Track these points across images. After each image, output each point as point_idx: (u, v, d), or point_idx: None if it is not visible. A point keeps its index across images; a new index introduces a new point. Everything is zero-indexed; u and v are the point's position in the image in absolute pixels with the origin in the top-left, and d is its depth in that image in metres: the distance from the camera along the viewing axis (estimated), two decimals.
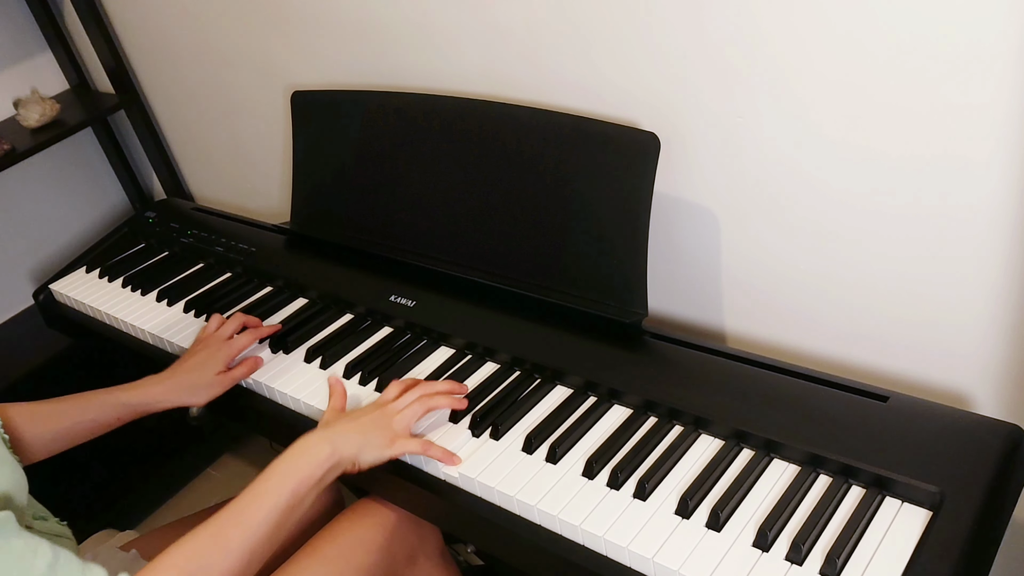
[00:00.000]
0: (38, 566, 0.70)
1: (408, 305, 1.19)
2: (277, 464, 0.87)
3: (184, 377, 1.12)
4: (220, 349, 1.15)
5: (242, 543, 0.80)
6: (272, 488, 0.85)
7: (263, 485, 0.85)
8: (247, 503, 0.84)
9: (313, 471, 0.88)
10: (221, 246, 1.46)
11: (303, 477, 0.87)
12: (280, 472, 0.86)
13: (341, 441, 0.91)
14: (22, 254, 1.88)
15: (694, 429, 0.94)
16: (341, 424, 0.94)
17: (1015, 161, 0.85)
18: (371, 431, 0.94)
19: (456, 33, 1.22)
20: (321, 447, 0.89)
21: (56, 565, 0.71)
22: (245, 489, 0.85)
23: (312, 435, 0.91)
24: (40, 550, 0.72)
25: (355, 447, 0.92)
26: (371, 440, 0.94)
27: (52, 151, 1.82)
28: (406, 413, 0.97)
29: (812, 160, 0.99)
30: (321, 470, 0.88)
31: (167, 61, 1.70)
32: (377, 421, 0.96)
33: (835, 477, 0.85)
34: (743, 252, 1.11)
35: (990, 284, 0.93)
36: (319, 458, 0.89)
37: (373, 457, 0.94)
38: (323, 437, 0.91)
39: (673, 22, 1.00)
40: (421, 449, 0.96)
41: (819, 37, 0.91)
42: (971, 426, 0.86)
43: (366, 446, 0.93)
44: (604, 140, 1.05)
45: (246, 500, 0.84)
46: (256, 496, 0.84)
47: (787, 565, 0.78)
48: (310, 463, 0.88)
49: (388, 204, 1.28)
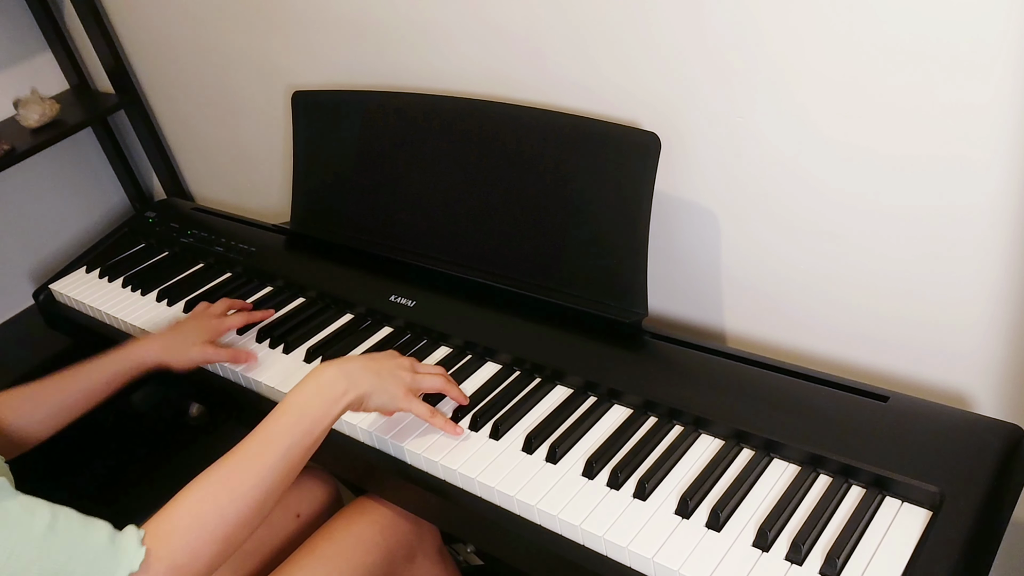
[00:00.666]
0: (36, 527, 0.68)
1: (408, 305, 1.19)
2: (292, 399, 0.83)
3: (169, 337, 1.14)
4: (210, 322, 1.18)
5: (255, 486, 0.77)
6: (285, 428, 0.81)
7: (277, 424, 0.81)
8: (260, 444, 0.80)
9: (329, 409, 0.84)
10: (221, 246, 1.46)
11: (318, 416, 0.83)
12: (294, 410, 0.82)
13: (358, 377, 0.87)
14: (22, 254, 1.88)
15: (694, 429, 0.94)
16: (359, 360, 0.90)
17: (1015, 161, 0.85)
18: (388, 378, 0.91)
19: (456, 33, 1.22)
20: (338, 382, 0.85)
21: (55, 524, 0.69)
22: (258, 426, 0.80)
23: (329, 368, 0.87)
24: (38, 511, 0.69)
25: (369, 387, 0.88)
26: (386, 386, 0.90)
27: (52, 151, 1.82)
28: (427, 379, 0.96)
29: (812, 160, 0.99)
30: (337, 408, 0.85)
31: (167, 61, 1.70)
32: (395, 372, 0.93)
33: (835, 477, 0.85)
34: (743, 252, 1.11)
35: (990, 284, 0.93)
36: (335, 394, 0.84)
37: (381, 403, 0.91)
38: (341, 371, 0.87)
39: (673, 22, 1.00)
40: (428, 414, 0.94)
41: (819, 37, 0.91)
42: (971, 426, 0.86)
43: (379, 390, 0.89)
44: (604, 140, 1.05)
45: (258, 440, 0.80)
46: (268, 436, 0.80)
47: (787, 565, 0.78)
48: (325, 400, 0.84)
49: (388, 204, 1.28)
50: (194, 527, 0.74)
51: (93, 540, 0.70)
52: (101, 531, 0.71)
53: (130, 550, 0.70)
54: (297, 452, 0.81)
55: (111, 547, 0.70)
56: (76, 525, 0.71)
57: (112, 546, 0.70)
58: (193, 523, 0.74)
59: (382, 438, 1.01)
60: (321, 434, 0.84)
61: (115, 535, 0.71)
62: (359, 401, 0.89)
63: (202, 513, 0.75)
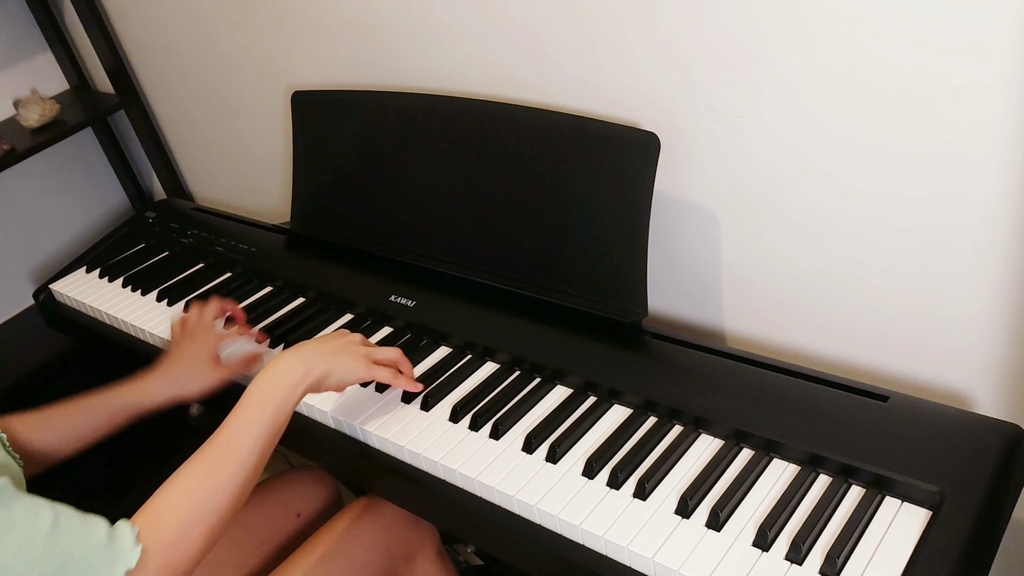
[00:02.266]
0: (41, 528, 0.70)
1: (408, 305, 1.19)
2: (252, 393, 0.87)
3: (174, 369, 1.10)
4: (207, 337, 1.14)
5: (232, 478, 0.81)
6: (253, 419, 0.85)
7: (244, 416, 0.85)
8: (231, 436, 0.84)
9: (290, 394, 0.88)
10: (221, 246, 1.46)
11: (281, 402, 0.87)
12: (258, 399, 0.86)
13: (313, 360, 0.91)
14: (22, 254, 1.88)
15: (694, 429, 0.94)
16: (313, 343, 0.94)
17: (1016, 155, 0.85)
18: (343, 354, 0.94)
19: (457, 32, 1.22)
20: (296, 367, 0.89)
21: (58, 523, 0.71)
22: (226, 420, 0.84)
23: (286, 355, 0.91)
24: (41, 512, 0.71)
25: (326, 366, 0.92)
26: (343, 362, 0.94)
27: (52, 151, 1.82)
28: (384, 349, 0.99)
29: (813, 158, 0.99)
30: (298, 392, 0.88)
31: (167, 61, 1.70)
32: (348, 347, 0.96)
33: (835, 477, 0.85)
34: (743, 252, 1.11)
35: (990, 284, 0.93)
36: (294, 379, 0.88)
37: (341, 378, 0.94)
38: (297, 357, 0.90)
39: (675, 21, 1.00)
40: (391, 376, 0.97)
41: (819, 37, 0.91)
42: (971, 426, 0.86)
43: (337, 367, 0.93)
44: (604, 140, 1.05)
45: (229, 433, 0.84)
46: (239, 428, 0.84)
47: (787, 565, 0.78)
48: (286, 386, 0.88)
49: (388, 204, 1.28)
50: (181, 524, 0.77)
51: (93, 539, 0.72)
52: (99, 529, 0.73)
53: (127, 548, 0.73)
54: (265, 440, 0.84)
55: (109, 546, 0.73)
56: (77, 524, 0.73)
57: (110, 545, 0.73)
58: (180, 520, 0.77)
59: (382, 438, 1.01)
60: (285, 419, 0.87)
61: (112, 533, 0.74)
62: (318, 382, 0.91)
63: (187, 509, 0.78)
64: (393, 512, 1.09)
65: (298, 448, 1.19)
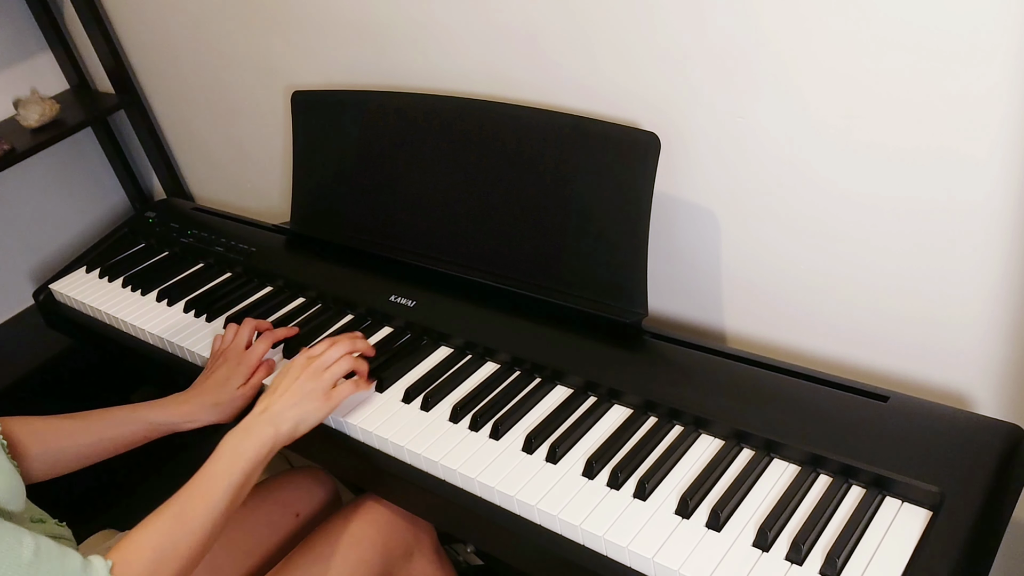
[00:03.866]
0: (24, 555, 0.73)
1: (408, 305, 1.19)
2: (225, 446, 0.93)
3: (208, 396, 1.11)
4: (240, 363, 1.13)
5: (204, 521, 0.87)
6: (224, 470, 0.91)
7: (216, 467, 0.91)
8: (205, 485, 0.89)
9: (259, 451, 0.94)
10: (221, 246, 1.46)
11: (251, 457, 0.93)
12: (229, 455, 0.92)
13: (279, 419, 0.97)
14: (22, 254, 1.88)
15: (694, 429, 0.94)
16: (277, 404, 0.99)
17: (1015, 158, 0.85)
18: (305, 400, 0.99)
19: (457, 32, 1.22)
20: (263, 429, 0.96)
21: (39, 552, 0.75)
22: (199, 471, 0.91)
23: (254, 417, 0.97)
24: (24, 539, 0.74)
25: (293, 422, 0.98)
26: (308, 407, 0.99)
27: (52, 151, 1.83)
28: (334, 370, 1.02)
29: (813, 159, 0.99)
30: (266, 449, 0.95)
31: (167, 61, 1.70)
32: (306, 387, 1.00)
33: (835, 477, 0.85)
34: (743, 252, 1.11)
35: (990, 282, 0.93)
36: (262, 439, 0.95)
37: (311, 423, 0.99)
38: (264, 419, 0.97)
39: (674, 21, 1.00)
40: (353, 389, 1.03)
41: (819, 36, 0.91)
42: (971, 426, 0.86)
43: (305, 417, 0.99)
44: (604, 140, 1.05)
45: (202, 481, 0.90)
46: (210, 477, 0.90)
47: (787, 565, 0.78)
48: (255, 445, 0.94)
49: (388, 204, 1.28)
50: (154, 561, 0.82)
51: (69, 570, 0.76)
52: (75, 561, 0.77)
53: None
54: (235, 490, 0.91)
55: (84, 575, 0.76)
56: (56, 554, 0.76)
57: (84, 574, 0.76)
58: (153, 557, 0.83)
59: (382, 438, 1.01)
60: (254, 473, 0.94)
61: (86, 565, 0.77)
62: (288, 436, 0.97)
63: (160, 548, 0.83)
64: (390, 511, 1.09)
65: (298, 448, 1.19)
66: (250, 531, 1.16)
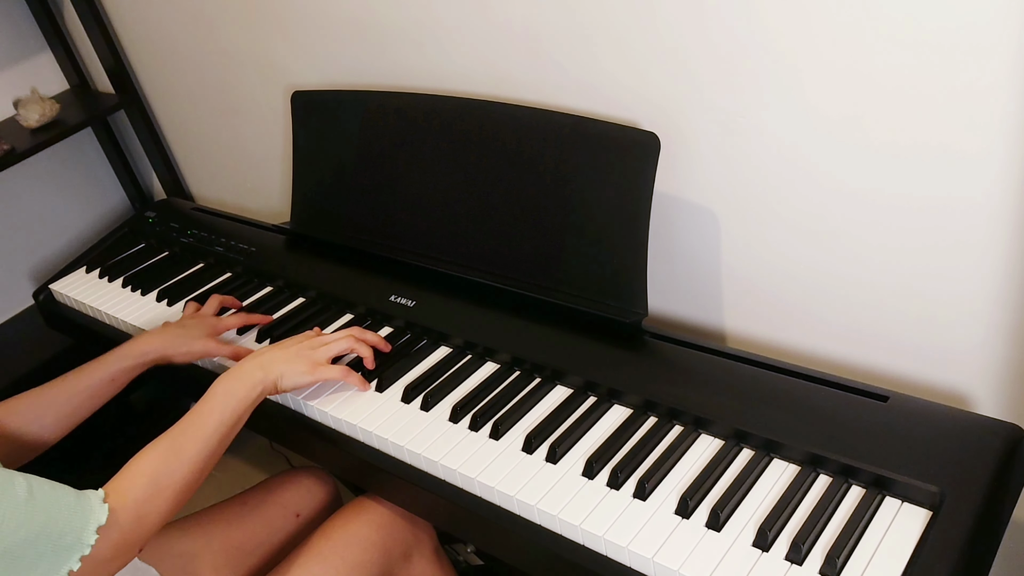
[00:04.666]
0: (19, 494, 0.76)
1: (408, 305, 1.19)
2: (217, 387, 0.99)
3: (170, 331, 1.18)
4: (207, 320, 1.22)
5: (195, 453, 0.92)
6: (216, 407, 0.96)
7: (208, 405, 0.97)
8: (198, 419, 0.95)
9: (248, 392, 0.99)
10: (221, 246, 1.46)
11: (241, 397, 0.98)
12: (222, 394, 0.98)
13: (269, 366, 1.03)
14: (22, 254, 1.88)
15: (694, 429, 0.94)
16: (270, 351, 1.05)
17: (1016, 156, 0.85)
18: (295, 360, 1.04)
19: (456, 32, 1.22)
20: (254, 372, 1.01)
21: (32, 490, 0.77)
22: (192, 409, 0.97)
23: (246, 362, 1.03)
24: (16, 480, 0.77)
25: (280, 371, 1.03)
26: (295, 367, 1.04)
27: (52, 151, 1.82)
28: (331, 346, 1.07)
29: (813, 157, 0.99)
30: (255, 392, 1.00)
31: (167, 61, 1.70)
32: (301, 351, 1.05)
33: (835, 477, 0.85)
34: (743, 251, 1.11)
35: (990, 284, 0.93)
36: (252, 381, 1.00)
37: (293, 382, 1.04)
38: (255, 364, 1.02)
39: (675, 21, 1.00)
40: (341, 375, 1.06)
41: (819, 37, 0.91)
42: (971, 426, 0.86)
43: (289, 372, 1.03)
44: (604, 140, 1.05)
45: (196, 416, 0.95)
46: (203, 414, 0.96)
47: (787, 565, 0.78)
48: (244, 386, 0.99)
49: (388, 204, 1.28)
50: (150, 485, 0.87)
51: (64, 502, 0.79)
52: (68, 494, 0.80)
53: (95, 508, 0.81)
54: (225, 428, 0.96)
55: (78, 507, 0.80)
56: (48, 490, 0.79)
57: (79, 506, 0.80)
58: (149, 482, 0.87)
59: (382, 438, 1.01)
60: (244, 413, 0.99)
61: (79, 496, 0.81)
62: (274, 384, 1.03)
63: (156, 474, 0.88)
64: (390, 511, 1.10)
65: (298, 448, 1.19)
66: (250, 531, 1.17)
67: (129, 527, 0.83)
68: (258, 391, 1.00)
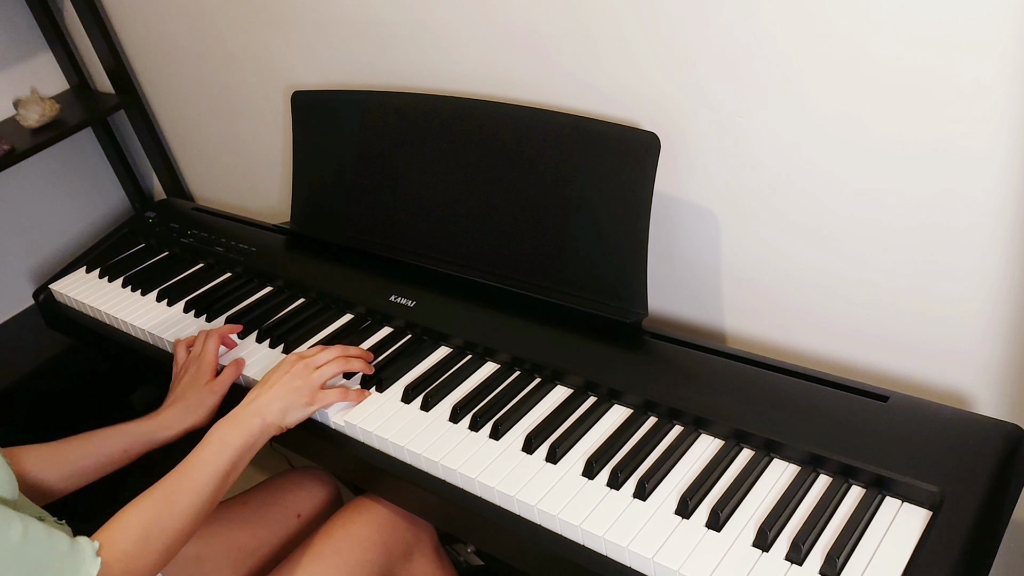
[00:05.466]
0: (13, 536, 0.75)
1: (408, 305, 1.19)
2: (213, 435, 0.97)
3: (179, 402, 1.14)
4: (198, 365, 1.17)
5: (190, 504, 0.91)
6: (212, 457, 0.95)
7: (204, 454, 0.95)
8: (192, 470, 0.93)
9: (246, 441, 0.98)
10: (221, 246, 1.46)
11: (238, 446, 0.97)
12: (218, 443, 0.96)
13: (266, 410, 1.01)
14: (22, 254, 1.88)
15: (694, 429, 0.94)
16: (264, 393, 1.03)
17: (1016, 154, 0.85)
18: (292, 395, 1.03)
19: (456, 32, 1.22)
20: (251, 419, 0.99)
21: (27, 533, 0.76)
22: (187, 457, 0.95)
23: (242, 408, 1.01)
24: (13, 522, 0.76)
25: (279, 414, 1.01)
26: (293, 403, 1.03)
27: (52, 151, 1.82)
28: (323, 371, 1.06)
29: (813, 158, 0.99)
30: (253, 439, 0.99)
31: (167, 61, 1.70)
32: (294, 383, 1.04)
33: (835, 477, 0.85)
34: (743, 251, 1.11)
35: (990, 283, 0.93)
36: (251, 430, 0.99)
37: (296, 418, 1.03)
38: (251, 410, 1.00)
39: (675, 20, 1.00)
40: (340, 397, 1.06)
41: (819, 35, 0.91)
42: (971, 426, 0.86)
43: (289, 410, 1.02)
44: (604, 140, 1.05)
45: (190, 467, 0.93)
46: (198, 464, 0.94)
47: (787, 565, 0.78)
48: (243, 435, 0.98)
49: (388, 204, 1.28)
50: (142, 539, 0.85)
51: (57, 551, 0.78)
52: (63, 542, 0.79)
53: (87, 560, 0.80)
54: (218, 478, 0.94)
55: (71, 556, 0.79)
56: (43, 536, 0.78)
57: (72, 555, 0.79)
58: (141, 536, 0.86)
59: (383, 438, 1.01)
60: (241, 462, 0.98)
61: (73, 545, 0.80)
62: (276, 426, 1.02)
63: (148, 527, 0.87)
64: (390, 511, 1.10)
65: (299, 448, 1.19)
66: (251, 531, 1.17)
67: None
68: (255, 437, 0.99)
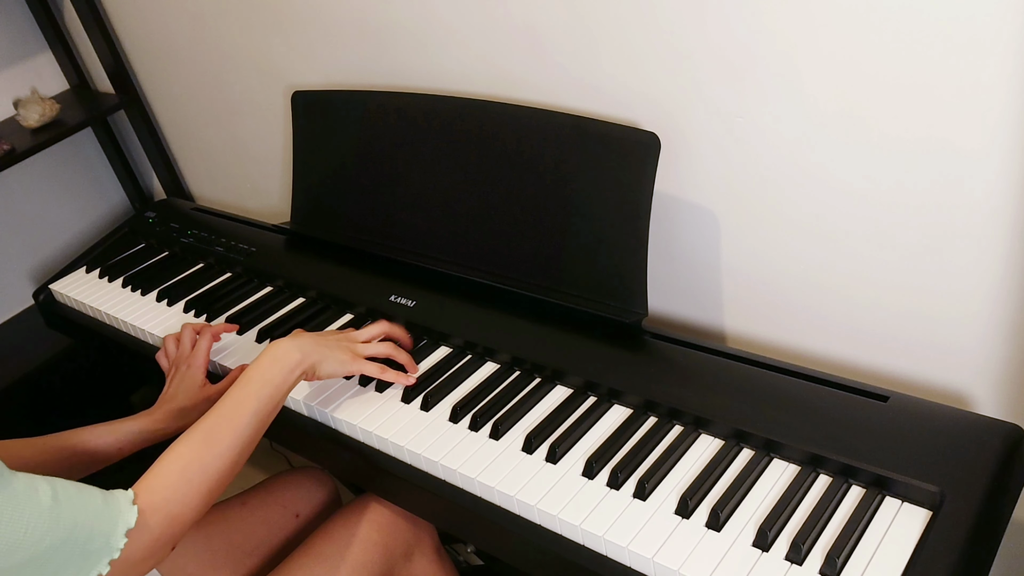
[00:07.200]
0: (43, 501, 0.73)
1: (408, 305, 1.19)
2: (252, 372, 0.94)
3: (173, 403, 1.11)
4: (189, 366, 1.13)
5: (231, 444, 0.88)
6: (252, 394, 0.92)
7: (243, 391, 0.92)
8: (232, 409, 0.90)
9: (286, 377, 0.95)
10: (221, 246, 1.46)
11: (278, 383, 0.94)
12: (257, 379, 0.93)
13: (308, 348, 0.98)
14: (22, 254, 1.88)
15: (694, 429, 0.94)
16: (308, 336, 1.01)
17: (1016, 153, 0.85)
18: (335, 348, 1.01)
19: (456, 32, 1.22)
20: (292, 354, 0.96)
21: (56, 495, 0.74)
22: (225, 395, 0.92)
23: (283, 342, 0.98)
24: (40, 486, 0.74)
25: (318, 356, 0.99)
26: (335, 354, 1.01)
27: (52, 151, 1.83)
28: (372, 345, 1.06)
29: (813, 158, 0.99)
30: (293, 376, 0.96)
31: (167, 61, 1.70)
32: (342, 342, 1.03)
33: (835, 477, 0.85)
34: (743, 251, 1.11)
35: (990, 283, 0.93)
36: (290, 364, 0.96)
37: (332, 369, 1.01)
38: (294, 345, 0.98)
39: (675, 20, 1.00)
40: (378, 371, 1.04)
41: (820, 35, 0.91)
42: (971, 426, 0.86)
43: (328, 358, 1.00)
44: (604, 140, 1.05)
45: (230, 406, 0.91)
46: (238, 402, 0.91)
47: (787, 565, 0.78)
48: (283, 370, 0.95)
49: (388, 204, 1.28)
50: (183, 481, 0.83)
51: (91, 506, 0.76)
52: (95, 496, 0.77)
53: (124, 511, 0.77)
54: (262, 415, 0.91)
55: (106, 510, 0.77)
56: (74, 493, 0.76)
57: (107, 508, 0.77)
58: (182, 478, 0.83)
59: (382, 438, 1.01)
60: (281, 399, 0.95)
61: (107, 498, 0.78)
62: (312, 369, 0.99)
63: (188, 469, 0.84)
64: (391, 511, 1.10)
65: (298, 448, 1.19)
66: (250, 531, 1.17)
67: (160, 528, 0.80)
68: (296, 375, 0.96)
